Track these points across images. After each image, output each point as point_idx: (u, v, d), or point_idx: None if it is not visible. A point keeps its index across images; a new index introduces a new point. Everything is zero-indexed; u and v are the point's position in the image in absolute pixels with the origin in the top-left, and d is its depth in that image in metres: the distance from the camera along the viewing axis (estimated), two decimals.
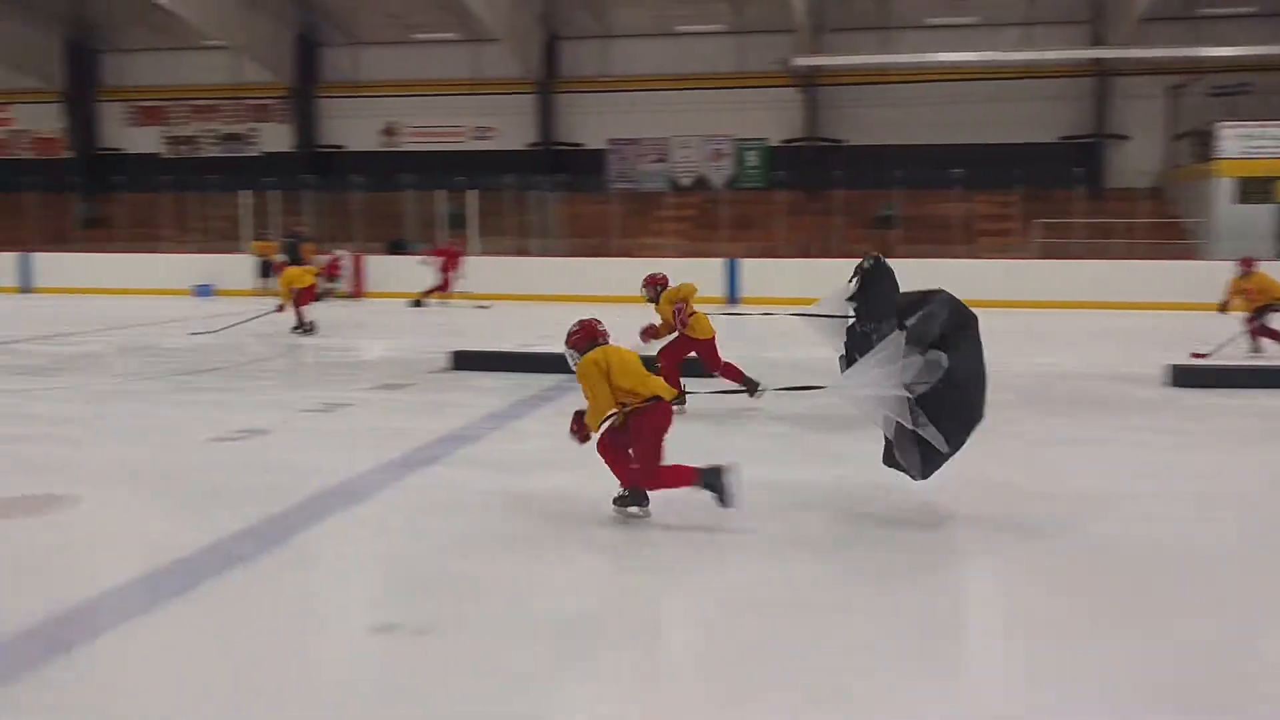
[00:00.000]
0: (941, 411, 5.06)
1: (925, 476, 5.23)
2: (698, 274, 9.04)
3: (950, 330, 5.13)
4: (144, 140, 30.91)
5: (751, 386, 8.31)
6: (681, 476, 5.19)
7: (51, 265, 24.49)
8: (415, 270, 21.28)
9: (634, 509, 5.31)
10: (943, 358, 5.07)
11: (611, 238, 24.78)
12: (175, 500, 5.86)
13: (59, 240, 26.16)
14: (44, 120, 30.80)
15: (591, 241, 24.62)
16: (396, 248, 25.06)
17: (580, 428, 5.27)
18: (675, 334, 8.60)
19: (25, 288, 24.31)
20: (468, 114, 29.65)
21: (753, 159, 29.09)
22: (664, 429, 5.26)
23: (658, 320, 8.72)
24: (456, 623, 4.05)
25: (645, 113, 28.77)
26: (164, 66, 30.52)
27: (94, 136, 30.71)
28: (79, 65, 30.10)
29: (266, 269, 22.74)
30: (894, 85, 27.40)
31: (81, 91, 30.26)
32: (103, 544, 5.14)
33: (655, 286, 8.80)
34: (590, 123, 29.27)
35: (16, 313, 19.07)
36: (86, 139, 30.48)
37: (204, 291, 23.08)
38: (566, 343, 5.38)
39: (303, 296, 14.73)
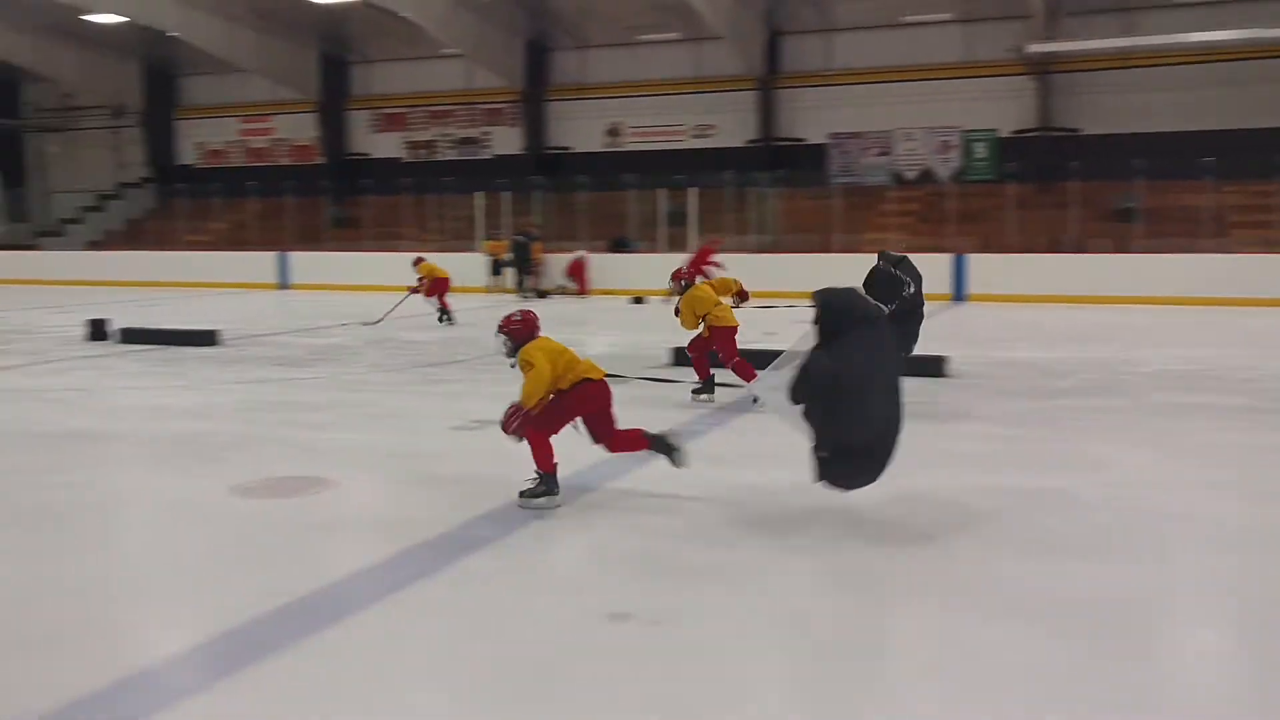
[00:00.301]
0: (815, 409, 5.09)
1: (839, 487, 5.22)
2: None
3: (837, 330, 5.09)
4: (387, 145, 32.88)
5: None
6: (633, 440, 5.84)
7: (305, 263, 26.47)
8: (637, 267, 21.73)
9: (541, 500, 5.56)
10: (820, 357, 5.07)
11: (833, 233, 24.49)
12: (421, 484, 6.25)
13: (312, 240, 28.24)
14: (301, 129, 33.27)
15: (812, 237, 24.41)
16: (618, 246, 25.63)
17: (520, 420, 5.51)
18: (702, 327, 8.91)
19: (283, 284, 26.37)
20: (689, 112, 29.97)
21: (981, 150, 28.02)
22: (593, 405, 5.72)
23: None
24: (689, 613, 4.15)
25: (868, 106, 28.23)
26: (405, 75, 32.35)
27: (344, 143, 32.93)
28: (332, 77, 32.34)
29: (497, 267, 23.79)
30: (1136, 69, 25.75)
31: (334, 101, 32.50)
32: (358, 524, 5.54)
33: (679, 281, 9.31)
34: (811, 117, 28.99)
35: (276, 307, 20.74)
36: (337, 145, 32.72)
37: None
38: (504, 329, 5.74)
39: (439, 286, 16.32)
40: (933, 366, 9.88)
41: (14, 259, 29.01)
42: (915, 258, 8.88)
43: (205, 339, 13.23)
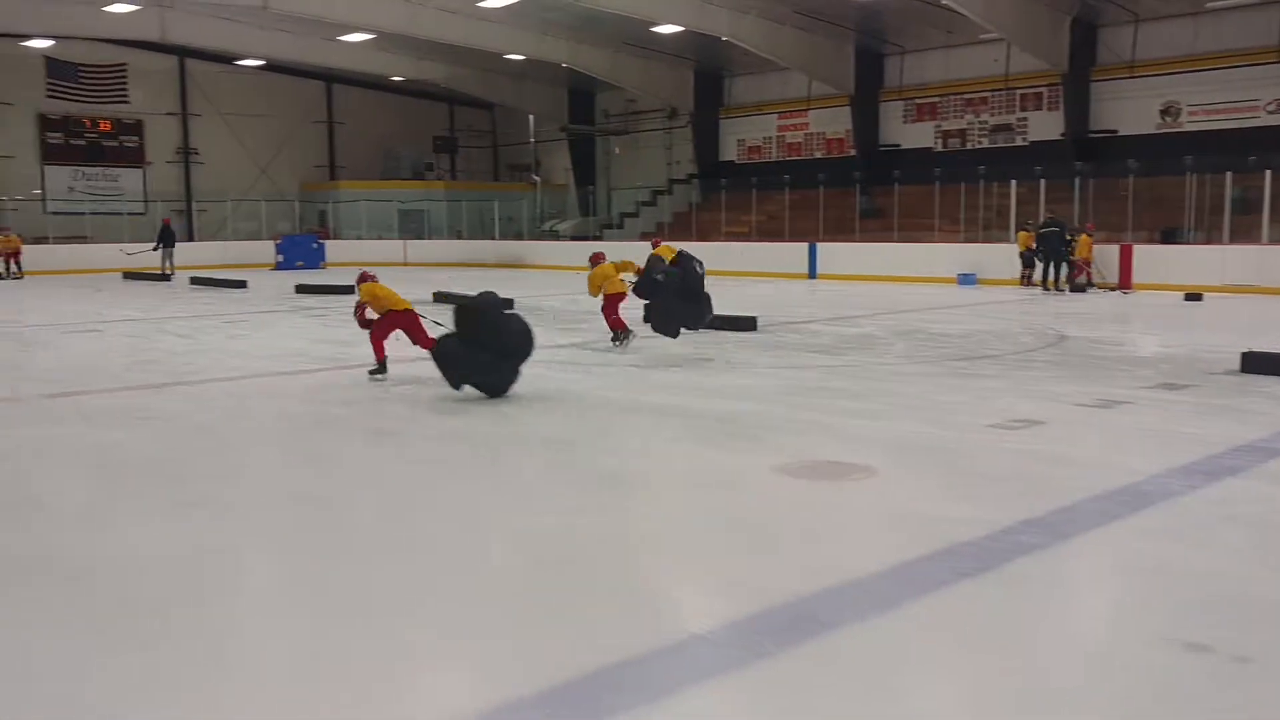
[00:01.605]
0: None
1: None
2: None
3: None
4: (918, 135, 32.62)
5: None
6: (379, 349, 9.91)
7: (832, 254, 27.18)
8: (1190, 261, 19.58)
9: (379, 376, 9.82)
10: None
11: None
12: (959, 481, 6.12)
13: (842, 231, 28.88)
14: (834, 123, 34.09)
15: None
16: (1169, 236, 23.27)
17: (361, 319, 9.96)
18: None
19: (811, 274, 27.29)
20: (1265, 86, 26.32)
21: None
22: (399, 326, 9.82)
23: None
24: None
25: None
26: (939, 64, 31.84)
27: (876, 135, 33.24)
28: (866, 70, 32.74)
29: (1029, 259, 22.66)
30: None
31: (867, 94, 32.90)
32: (894, 516, 5.53)
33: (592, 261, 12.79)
34: None
35: (806, 296, 21.50)
36: (869, 137, 33.11)
37: (967, 280, 23.76)
38: (358, 280, 10.10)
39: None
40: None
41: (584, 249, 32.90)
42: None
43: (746, 324, 14.05)
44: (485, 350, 8.80)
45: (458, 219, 39.08)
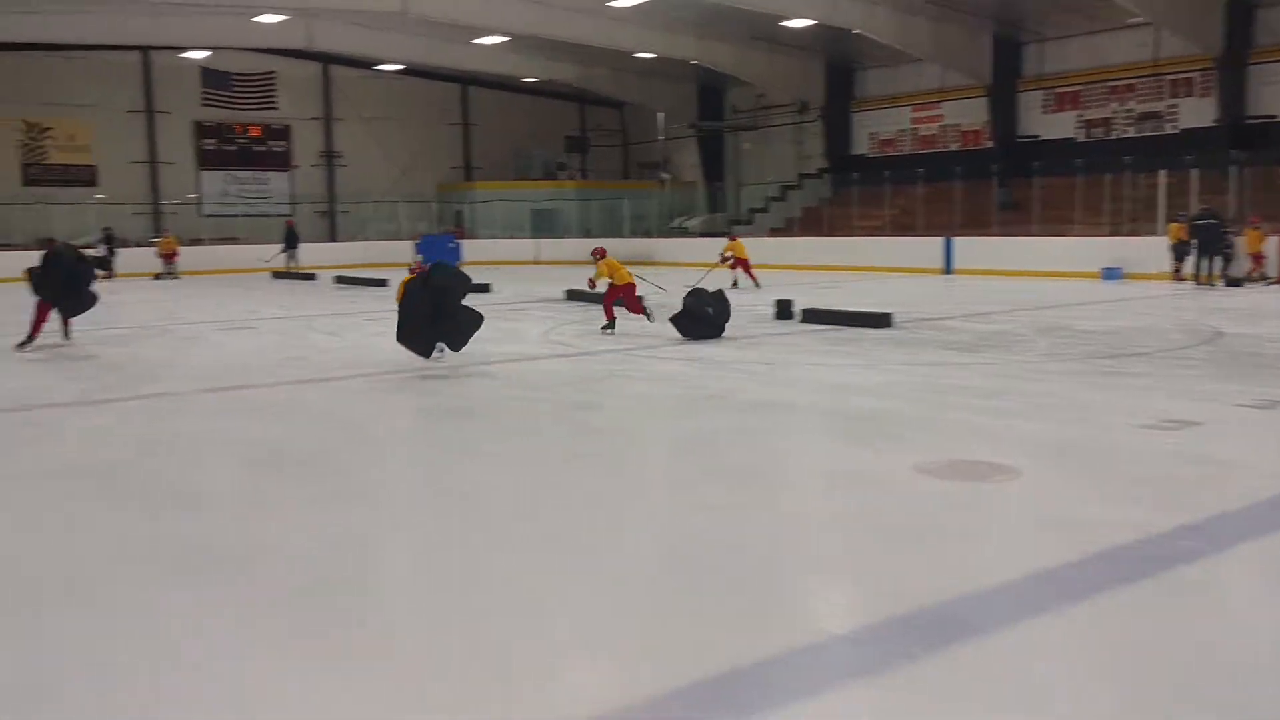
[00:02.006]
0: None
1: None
2: None
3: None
4: (1059, 125, 31.51)
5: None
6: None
7: (969, 248, 26.50)
8: None
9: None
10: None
11: None
12: (1109, 484, 5.90)
13: (978, 225, 28.13)
14: (970, 114, 33.22)
15: None
16: None
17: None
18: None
19: (947, 269, 26.67)
20: None
21: None
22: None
23: None
24: None
25: None
26: (1081, 51, 30.70)
27: (1013, 125, 32.25)
28: (1004, 59, 31.79)
29: (1180, 252, 21.63)
30: None
31: (1004, 84, 31.94)
32: (1040, 518, 5.36)
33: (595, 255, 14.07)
34: None
35: (942, 292, 21.03)
36: (1007, 128, 32.14)
37: (1112, 275, 22.85)
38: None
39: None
40: None
41: (713, 245, 32.88)
42: None
43: (879, 321, 13.84)
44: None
45: (588, 218, 39.51)
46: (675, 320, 13.03)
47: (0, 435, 8.02)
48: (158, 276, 28.78)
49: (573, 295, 18.59)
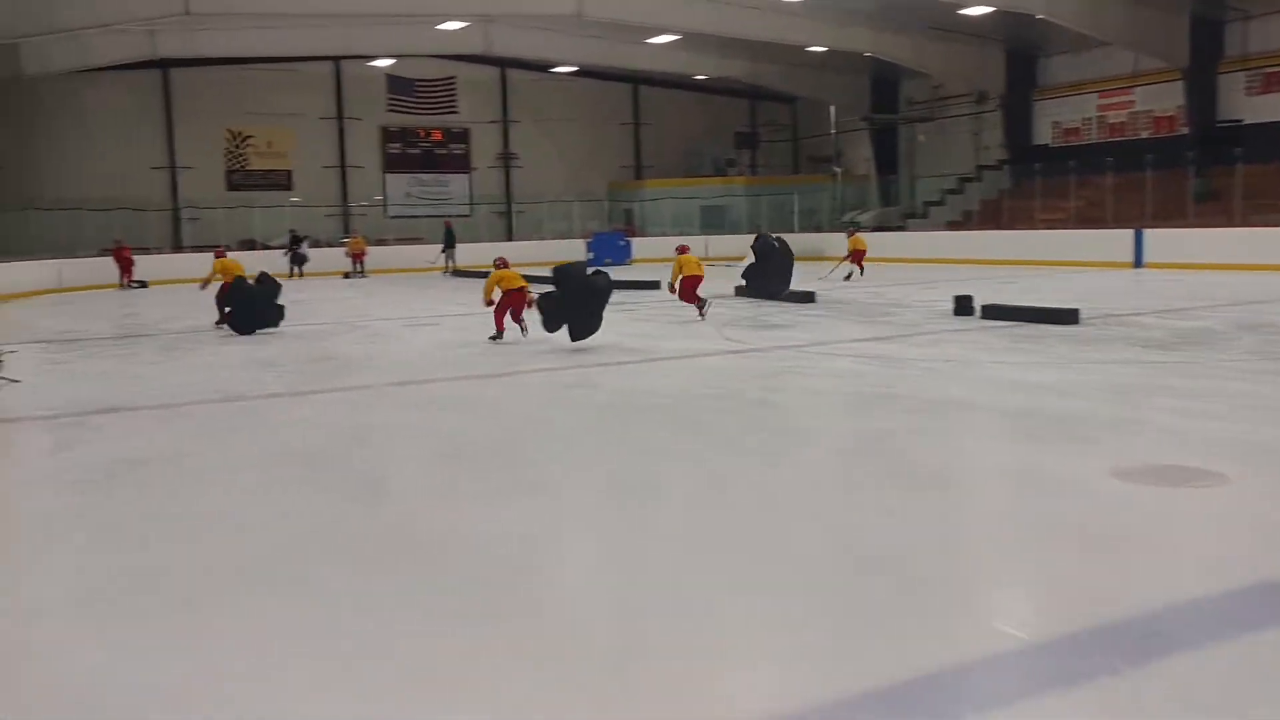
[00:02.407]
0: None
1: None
2: None
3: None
4: (1266, 109, 29.45)
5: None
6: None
7: (1161, 240, 25.10)
8: None
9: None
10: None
11: None
12: None
13: (1172, 216, 26.60)
14: (1163, 99, 31.42)
15: None
16: None
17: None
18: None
19: (1136, 263, 25.34)
20: None
21: None
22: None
23: None
24: None
25: None
26: None
27: (1213, 110, 30.34)
28: (1203, 40, 29.90)
29: None
30: None
31: (1203, 66, 30.06)
32: (1255, 529, 5.05)
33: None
34: None
35: (1132, 286, 20.00)
36: (1205, 113, 30.26)
37: None
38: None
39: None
40: None
41: (885, 239, 32.21)
42: None
43: (1065, 317, 13.27)
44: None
45: (758, 213, 39.35)
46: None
47: (217, 424, 8.61)
48: (347, 275, 30.29)
49: (740, 291, 18.55)
